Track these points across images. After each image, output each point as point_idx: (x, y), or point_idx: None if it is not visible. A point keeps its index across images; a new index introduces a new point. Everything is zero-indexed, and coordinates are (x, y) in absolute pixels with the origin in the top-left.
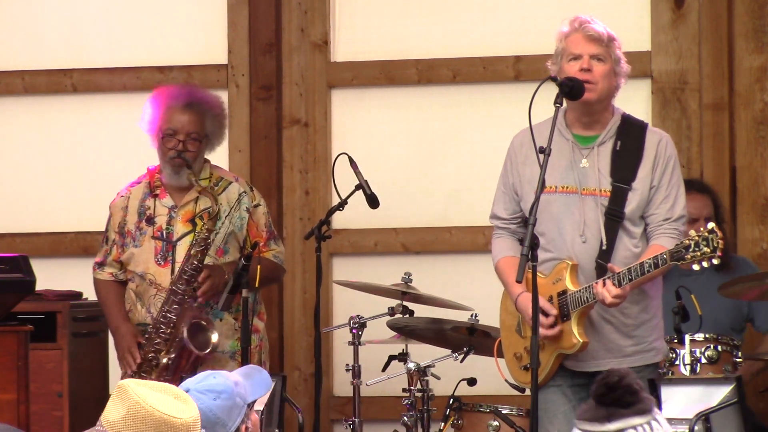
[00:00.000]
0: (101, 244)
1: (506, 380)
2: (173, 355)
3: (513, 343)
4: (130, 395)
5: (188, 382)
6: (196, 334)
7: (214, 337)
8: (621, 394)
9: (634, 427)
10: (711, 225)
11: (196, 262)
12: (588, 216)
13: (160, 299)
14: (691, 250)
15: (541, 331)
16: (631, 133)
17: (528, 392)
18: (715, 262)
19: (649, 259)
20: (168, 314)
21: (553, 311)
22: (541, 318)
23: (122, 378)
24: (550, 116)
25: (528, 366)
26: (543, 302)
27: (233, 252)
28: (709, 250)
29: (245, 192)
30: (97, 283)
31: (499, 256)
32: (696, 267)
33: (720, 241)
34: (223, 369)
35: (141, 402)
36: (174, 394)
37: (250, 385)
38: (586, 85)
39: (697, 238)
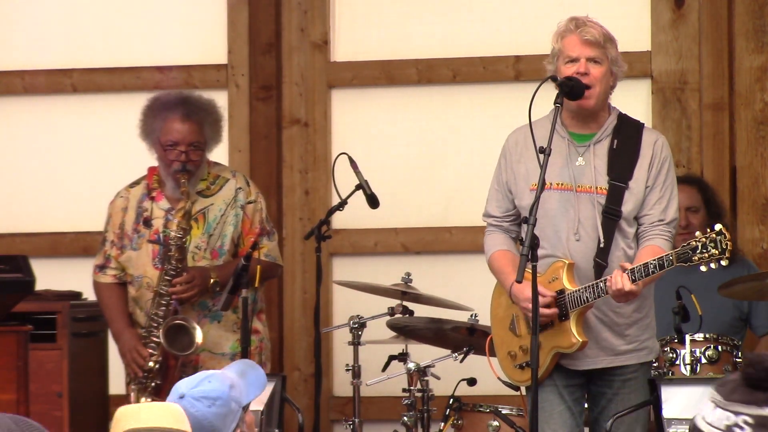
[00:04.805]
0: (100, 246)
1: (499, 378)
2: (160, 359)
3: (506, 341)
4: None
5: (183, 385)
6: (179, 336)
7: (198, 337)
8: None
9: None
10: (719, 227)
11: (174, 262)
12: (583, 214)
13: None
14: (698, 251)
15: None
16: (628, 132)
17: (523, 391)
18: (723, 263)
19: (654, 259)
20: (156, 317)
21: (548, 292)
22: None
23: (131, 381)
24: (546, 114)
25: (523, 365)
26: (540, 287)
27: (228, 254)
28: (717, 252)
29: (241, 188)
30: (99, 287)
31: (492, 250)
32: (704, 268)
33: (729, 243)
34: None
35: None
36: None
37: (245, 385)
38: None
39: (704, 239)
